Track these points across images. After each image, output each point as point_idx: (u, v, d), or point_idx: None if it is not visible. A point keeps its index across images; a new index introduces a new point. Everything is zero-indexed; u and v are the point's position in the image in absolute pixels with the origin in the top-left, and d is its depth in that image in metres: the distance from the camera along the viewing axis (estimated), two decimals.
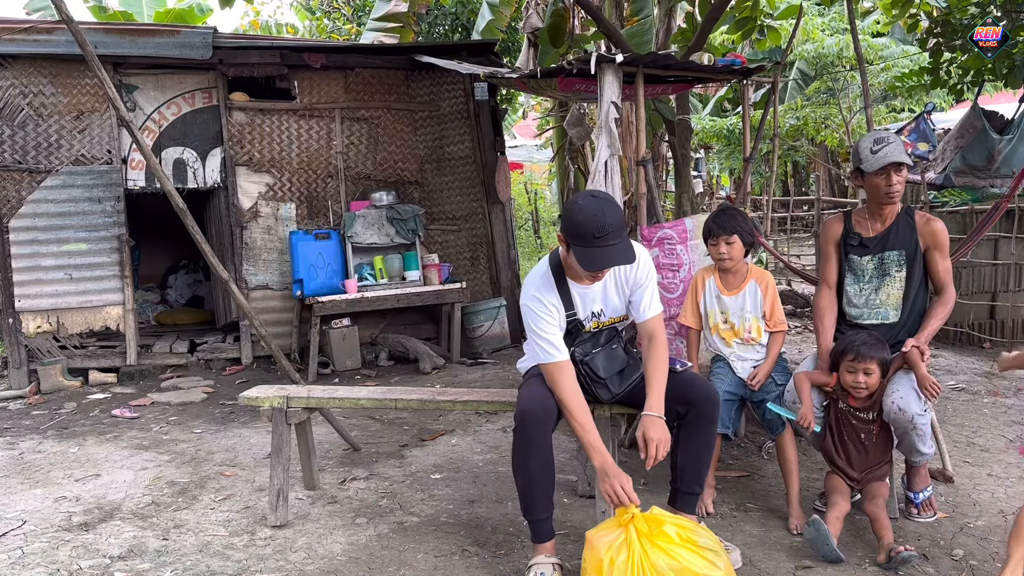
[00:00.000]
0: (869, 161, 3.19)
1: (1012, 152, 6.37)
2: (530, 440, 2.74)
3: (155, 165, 4.13)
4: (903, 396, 2.99)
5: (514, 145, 20.54)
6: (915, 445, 3.04)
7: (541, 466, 2.76)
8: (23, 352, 6.48)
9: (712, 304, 3.47)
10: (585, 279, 2.81)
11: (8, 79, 6.46)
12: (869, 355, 3.02)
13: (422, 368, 6.57)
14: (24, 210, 6.48)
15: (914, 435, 3.01)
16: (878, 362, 3.03)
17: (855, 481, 3.11)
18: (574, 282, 2.87)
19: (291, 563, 3.05)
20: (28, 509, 3.70)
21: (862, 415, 3.12)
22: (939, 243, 3.25)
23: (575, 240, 2.67)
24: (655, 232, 4.24)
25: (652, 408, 2.77)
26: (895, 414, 2.99)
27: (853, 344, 3.06)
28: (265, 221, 7.12)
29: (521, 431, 2.75)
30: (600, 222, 2.60)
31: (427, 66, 7.20)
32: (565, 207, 2.77)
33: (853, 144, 3.85)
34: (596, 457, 2.72)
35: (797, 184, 22.62)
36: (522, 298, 2.90)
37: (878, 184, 3.20)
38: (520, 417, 2.75)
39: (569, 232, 2.69)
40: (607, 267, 2.72)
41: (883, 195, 3.21)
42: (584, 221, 2.62)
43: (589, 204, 2.66)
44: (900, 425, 3.01)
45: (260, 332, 4.22)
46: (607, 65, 3.99)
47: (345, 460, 4.31)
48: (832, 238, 3.44)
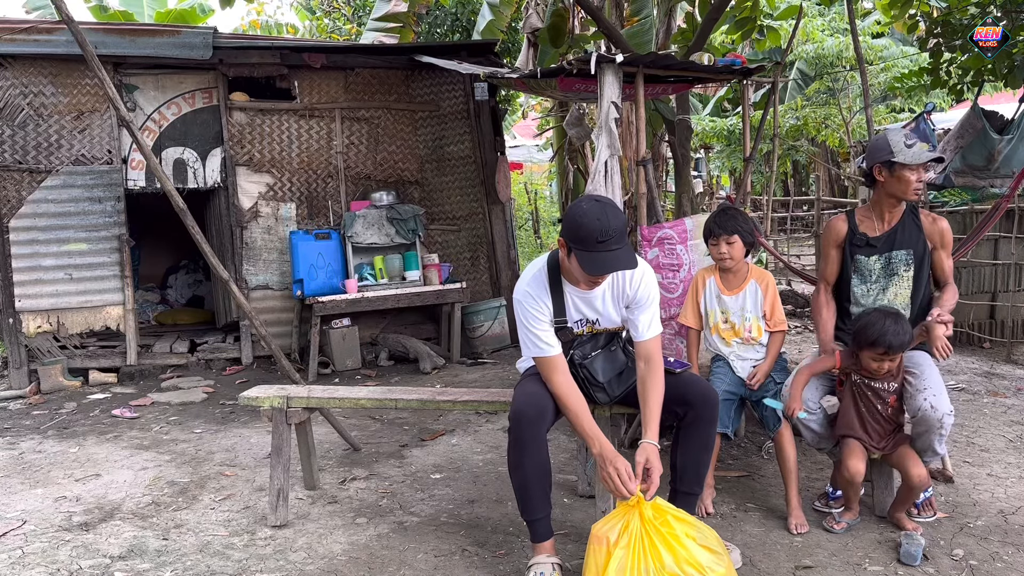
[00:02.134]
0: (905, 154, 3.12)
1: (1012, 152, 6.38)
2: (525, 440, 2.75)
3: (155, 165, 4.13)
4: (936, 395, 2.96)
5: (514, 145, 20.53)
6: (933, 444, 3.01)
7: (536, 465, 2.77)
8: (23, 352, 6.49)
9: (713, 304, 3.48)
10: (583, 284, 2.80)
11: (8, 79, 6.46)
12: (900, 347, 2.99)
13: (422, 368, 6.57)
14: (24, 210, 6.48)
15: (937, 434, 2.98)
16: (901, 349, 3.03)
17: (880, 450, 3.13)
18: (571, 286, 2.85)
19: (291, 563, 3.05)
20: (28, 509, 3.70)
21: (878, 386, 3.12)
22: (946, 242, 3.27)
23: (577, 244, 2.65)
24: (655, 232, 4.24)
25: (651, 437, 2.75)
26: (926, 412, 2.94)
27: (884, 337, 2.97)
28: (265, 221, 7.12)
29: (516, 431, 2.75)
30: (603, 227, 2.58)
31: (427, 66, 7.20)
32: (568, 211, 2.75)
33: (875, 137, 3.83)
34: (594, 444, 2.72)
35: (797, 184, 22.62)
36: (515, 291, 2.90)
37: (907, 179, 3.15)
38: (514, 417, 2.76)
39: (571, 236, 2.67)
40: (609, 272, 2.69)
41: (909, 191, 3.18)
42: (587, 225, 2.60)
43: (593, 208, 2.64)
44: (927, 423, 2.96)
45: (260, 332, 4.22)
46: (607, 65, 3.99)
47: (345, 460, 4.31)
48: (835, 238, 3.43)
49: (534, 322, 2.81)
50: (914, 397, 3.00)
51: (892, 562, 2.89)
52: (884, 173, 3.22)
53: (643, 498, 2.52)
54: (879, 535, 3.11)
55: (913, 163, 3.12)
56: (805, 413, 3.14)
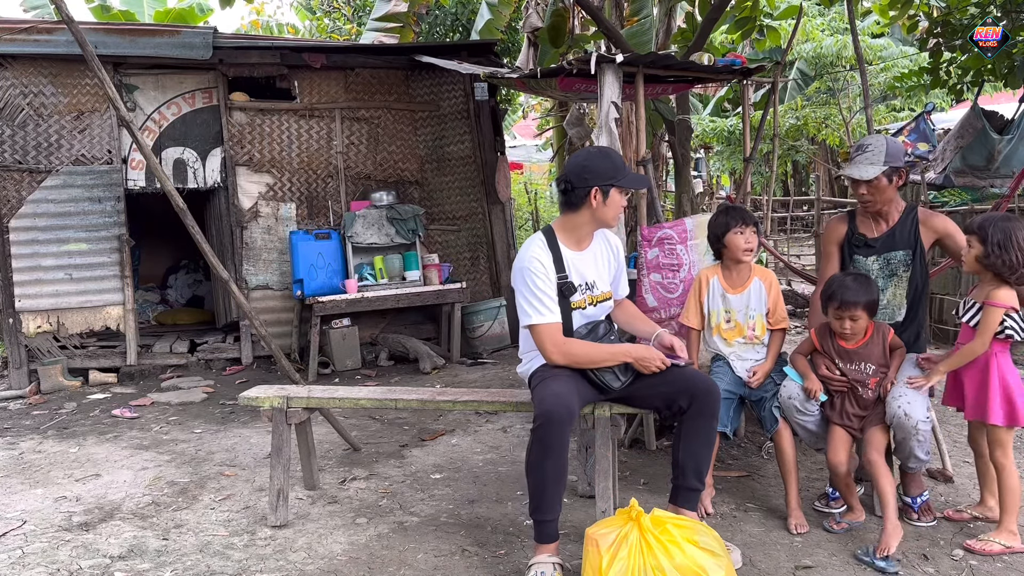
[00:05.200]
0: (846, 166, 3.30)
1: (1012, 152, 6.38)
2: (550, 440, 2.73)
3: (155, 165, 4.14)
4: (910, 402, 2.98)
5: (514, 145, 20.55)
6: (913, 451, 3.02)
7: (556, 467, 2.77)
8: (23, 352, 6.48)
9: (716, 303, 3.48)
10: (613, 220, 3.00)
11: (8, 79, 6.46)
12: (853, 302, 3.04)
13: (422, 368, 6.57)
14: (24, 210, 6.48)
15: (914, 441, 2.99)
16: (863, 307, 3.05)
17: (858, 431, 3.13)
18: (568, 251, 3.00)
19: (291, 563, 3.05)
20: (28, 509, 3.71)
21: (853, 368, 3.13)
22: (950, 230, 3.26)
23: (618, 175, 2.91)
24: (655, 232, 4.23)
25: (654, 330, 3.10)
26: (900, 419, 2.98)
27: (836, 293, 3.07)
28: (265, 221, 7.12)
29: (542, 432, 2.74)
30: (620, 155, 3.02)
31: (427, 66, 7.20)
32: (588, 161, 2.96)
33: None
34: (621, 354, 2.88)
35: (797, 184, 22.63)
36: (518, 262, 2.99)
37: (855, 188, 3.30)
38: (544, 417, 2.73)
39: (610, 173, 2.91)
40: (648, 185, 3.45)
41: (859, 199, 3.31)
42: (614, 155, 2.98)
43: (599, 149, 3.10)
44: (903, 430, 2.99)
45: (260, 332, 4.22)
46: (607, 65, 3.99)
47: (345, 460, 4.31)
48: (835, 238, 3.45)
49: (543, 284, 2.90)
50: (889, 404, 3.03)
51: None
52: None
53: (642, 510, 2.52)
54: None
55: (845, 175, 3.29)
56: (825, 397, 3.15)
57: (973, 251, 2.95)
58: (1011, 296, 2.91)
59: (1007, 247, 2.85)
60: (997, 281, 2.93)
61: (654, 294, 4.13)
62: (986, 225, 2.90)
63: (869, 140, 3.31)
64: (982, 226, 2.91)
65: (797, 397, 3.19)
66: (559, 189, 3.02)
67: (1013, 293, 2.91)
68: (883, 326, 3.18)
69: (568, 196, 2.96)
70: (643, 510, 2.51)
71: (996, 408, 2.93)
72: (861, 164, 3.23)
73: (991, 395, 2.93)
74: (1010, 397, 2.92)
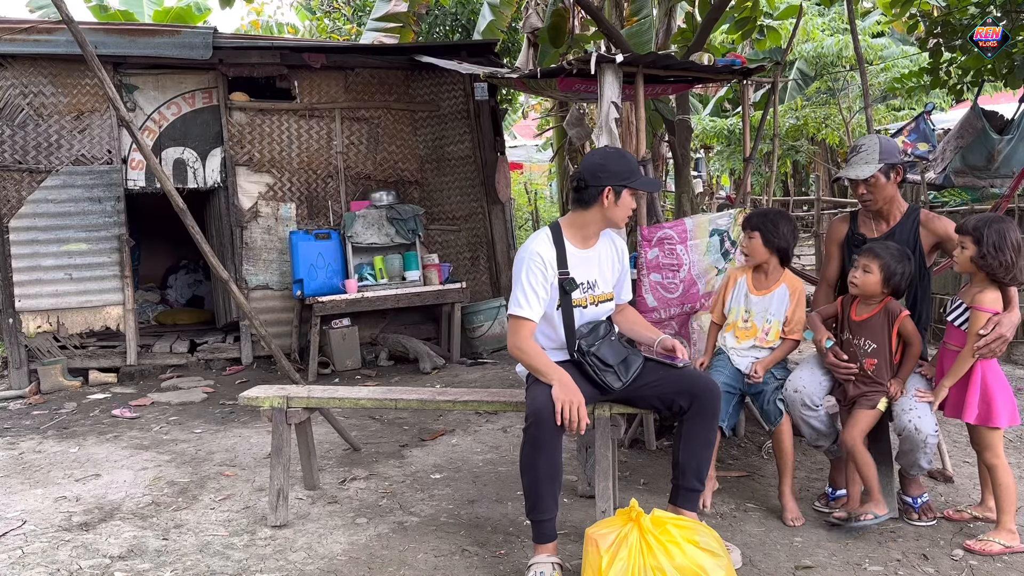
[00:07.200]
0: (843, 170, 3.32)
1: (1012, 152, 6.38)
2: (541, 439, 2.74)
3: (155, 165, 4.14)
4: (920, 416, 3.00)
5: (514, 145, 20.55)
6: (918, 461, 3.06)
7: (549, 465, 2.77)
8: (23, 352, 6.49)
9: (739, 301, 3.48)
10: (622, 221, 3.01)
11: (8, 79, 6.46)
12: (875, 253, 3.09)
13: (422, 368, 6.57)
14: (24, 210, 6.49)
15: (921, 452, 3.03)
16: (880, 264, 3.07)
17: (845, 406, 3.18)
18: (574, 248, 3.01)
19: (291, 563, 3.05)
20: (28, 509, 3.70)
21: (856, 342, 3.16)
22: (951, 233, 3.25)
23: (631, 176, 2.94)
24: (655, 232, 4.23)
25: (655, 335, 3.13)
26: (910, 432, 2.99)
27: (872, 245, 3.15)
28: (265, 221, 7.12)
29: (533, 430, 2.74)
30: (635, 158, 3.07)
31: (427, 66, 7.20)
32: (600, 162, 2.97)
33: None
34: (552, 378, 2.78)
35: (797, 184, 22.62)
36: (521, 251, 3.00)
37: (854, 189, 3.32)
38: (534, 416, 2.74)
39: (624, 174, 2.93)
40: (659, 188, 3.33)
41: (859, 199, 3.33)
42: (630, 157, 3.01)
43: (616, 150, 3.14)
44: (911, 442, 3.01)
45: (260, 332, 4.23)
46: (607, 65, 3.98)
47: (345, 460, 4.31)
48: (836, 238, 3.46)
49: (535, 280, 2.90)
50: (899, 416, 3.04)
51: (892, 562, 2.90)
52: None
53: (642, 511, 2.51)
54: (879, 535, 3.11)
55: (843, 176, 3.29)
56: (831, 341, 3.18)
57: (967, 252, 2.97)
58: (997, 300, 2.94)
59: (1002, 248, 2.88)
60: (988, 282, 2.96)
61: (654, 294, 4.12)
62: (981, 226, 2.93)
63: (863, 141, 3.33)
64: (976, 227, 2.94)
65: (804, 391, 3.17)
66: (572, 186, 3.03)
67: (999, 296, 2.95)
68: (894, 308, 3.14)
69: (580, 193, 2.97)
70: (643, 510, 2.50)
71: (972, 408, 2.96)
72: (857, 164, 3.26)
73: (969, 394, 2.98)
74: (988, 398, 2.96)
